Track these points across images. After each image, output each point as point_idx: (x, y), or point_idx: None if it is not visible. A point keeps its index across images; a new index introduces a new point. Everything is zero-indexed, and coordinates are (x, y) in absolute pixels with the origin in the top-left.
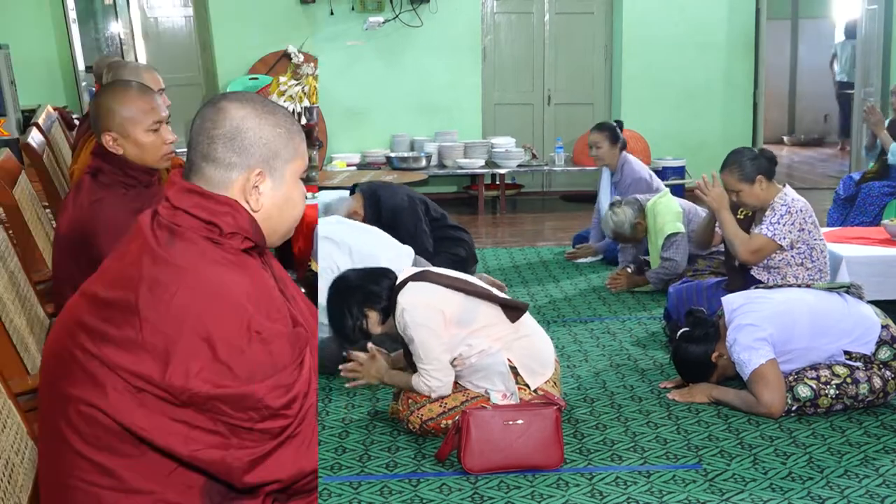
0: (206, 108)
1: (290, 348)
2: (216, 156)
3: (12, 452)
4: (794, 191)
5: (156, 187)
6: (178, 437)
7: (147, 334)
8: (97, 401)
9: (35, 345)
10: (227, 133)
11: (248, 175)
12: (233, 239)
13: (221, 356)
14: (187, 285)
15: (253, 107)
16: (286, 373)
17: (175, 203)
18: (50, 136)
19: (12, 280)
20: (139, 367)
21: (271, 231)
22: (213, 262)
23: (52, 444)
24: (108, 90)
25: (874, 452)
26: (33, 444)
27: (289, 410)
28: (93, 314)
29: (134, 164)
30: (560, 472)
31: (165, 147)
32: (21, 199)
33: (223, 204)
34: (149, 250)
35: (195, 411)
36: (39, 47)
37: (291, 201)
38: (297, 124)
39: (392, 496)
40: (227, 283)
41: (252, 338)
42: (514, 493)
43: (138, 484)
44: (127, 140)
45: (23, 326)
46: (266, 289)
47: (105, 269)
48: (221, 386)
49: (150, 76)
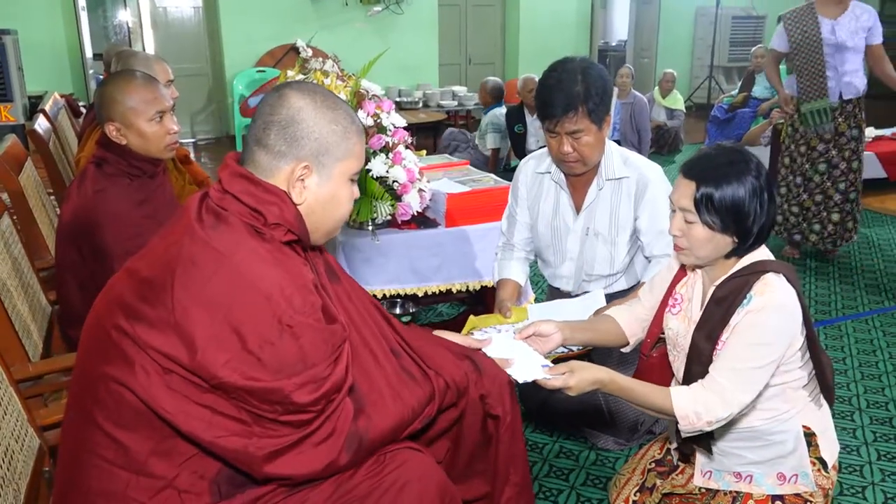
0: (272, 94)
1: (323, 344)
2: (268, 142)
3: (12, 440)
4: None
5: (160, 177)
6: (201, 422)
7: (178, 315)
8: (126, 379)
9: (37, 332)
10: (281, 121)
11: (295, 167)
12: (276, 230)
13: (251, 347)
14: (223, 272)
15: (313, 99)
16: (317, 369)
17: (226, 186)
18: (56, 123)
19: (16, 267)
20: (168, 348)
21: (314, 227)
22: (252, 251)
23: (78, 418)
24: (113, 80)
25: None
26: (33, 432)
27: (315, 406)
28: (132, 291)
29: (138, 154)
30: None
31: (169, 137)
32: (26, 185)
33: (271, 193)
34: (191, 231)
35: (220, 397)
36: (48, 34)
37: (337, 200)
38: (358, 124)
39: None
40: (263, 274)
41: (283, 331)
42: None
43: (153, 467)
44: (130, 130)
45: (26, 313)
46: (302, 284)
47: (149, 247)
48: (251, 378)
49: (159, 67)
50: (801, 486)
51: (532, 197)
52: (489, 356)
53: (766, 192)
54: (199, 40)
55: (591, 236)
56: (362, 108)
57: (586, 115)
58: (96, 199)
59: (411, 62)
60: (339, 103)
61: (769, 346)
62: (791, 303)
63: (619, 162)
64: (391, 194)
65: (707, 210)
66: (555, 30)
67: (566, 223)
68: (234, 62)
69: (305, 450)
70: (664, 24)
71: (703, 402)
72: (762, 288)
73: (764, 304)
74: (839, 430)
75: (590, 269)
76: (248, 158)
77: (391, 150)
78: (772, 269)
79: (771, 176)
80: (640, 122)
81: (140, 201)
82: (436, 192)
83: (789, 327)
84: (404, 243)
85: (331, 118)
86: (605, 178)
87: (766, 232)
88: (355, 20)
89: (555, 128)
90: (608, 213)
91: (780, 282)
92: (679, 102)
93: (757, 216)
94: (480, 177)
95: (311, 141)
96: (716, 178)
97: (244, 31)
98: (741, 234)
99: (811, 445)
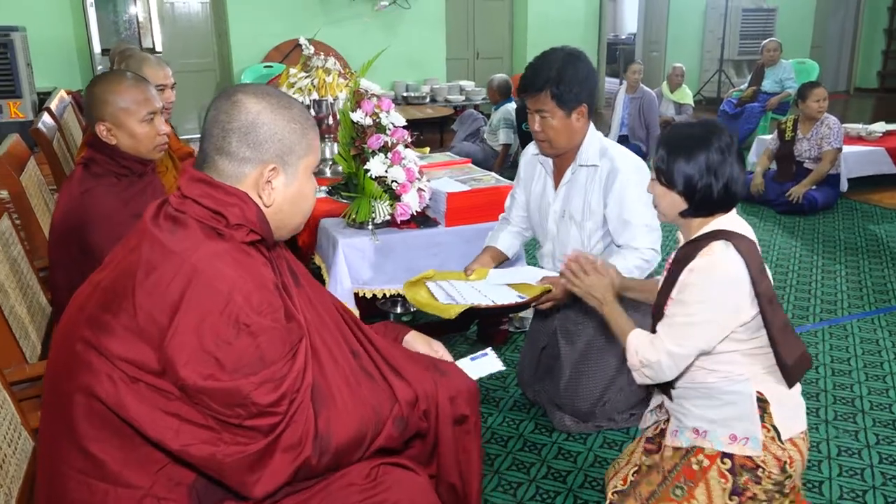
0: (221, 100)
1: (281, 343)
2: (230, 149)
3: (5, 443)
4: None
5: (149, 177)
6: (169, 430)
7: (141, 320)
8: (94, 389)
9: (35, 333)
10: (241, 127)
11: (262, 170)
12: (238, 231)
13: (208, 347)
14: (182, 274)
15: (269, 101)
16: (275, 367)
17: (184, 191)
18: (62, 120)
19: (14, 268)
20: (134, 355)
21: (281, 225)
22: (211, 252)
23: (51, 433)
24: (103, 80)
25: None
26: (27, 435)
27: (278, 408)
28: (94, 302)
29: (126, 154)
30: None
31: (159, 138)
32: (28, 185)
33: (231, 195)
34: (149, 236)
35: (187, 405)
36: (56, 30)
37: (303, 195)
38: (311, 119)
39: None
40: (221, 274)
41: (241, 330)
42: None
43: (128, 477)
44: (121, 130)
45: (24, 314)
46: (261, 281)
47: (110, 258)
48: (208, 377)
49: (158, 70)
50: (749, 448)
51: (527, 177)
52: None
53: (724, 165)
54: (206, 36)
55: (567, 219)
56: (361, 108)
57: (550, 97)
58: (84, 199)
59: (418, 57)
60: (292, 101)
61: (700, 304)
62: (731, 270)
63: (595, 152)
64: (390, 194)
65: (662, 172)
66: (563, 23)
67: (548, 203)
68: (241, 57)
69: (275, 456)
70: (674, 16)
71: (642, 343)
72: (706, 251)
73: (701, 266)
74: (840, 432)
75: (563, 249)
76: (207, 166)
77: (390, 150)
78: (725, 238)
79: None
80: (648, 117)
81: (127, 200)
82: (436, 192)
83: (726, 293)
84: (404, 243)
85: (288, 117)
86: (578, 163)
87: (719, 201)
88: (362, 15)
89: (527, 104)
90: (582, 198)
91: (726, 250)
92: (688, 97)
93: (707, 186)
94: (482, 175)
95: (275, 143)
96: (676, 147)
97: (251, 26)
98: (689, 199)
99: (766, 413)
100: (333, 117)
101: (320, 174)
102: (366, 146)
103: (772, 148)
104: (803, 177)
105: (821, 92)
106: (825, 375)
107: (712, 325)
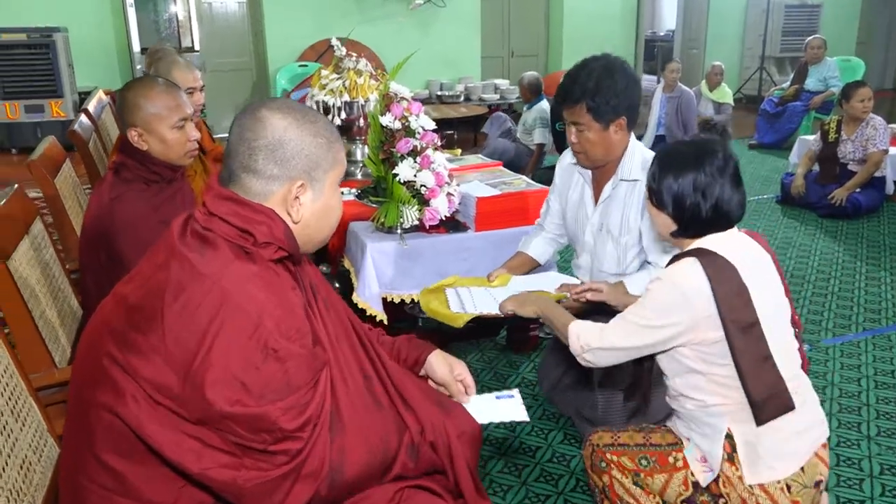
0: (245, 117)
1: (307, 369)
2: (257, 167)
3: (30, 451)
4: None
5: (178, 183)
6: (190, 453)
7: (169, 343)
8: (117, 408)
9: (65, 337)
10: (268, 144)
11: (290, 186)
12: (266, 249)
13: (236, 371)
14: (212, 297)
15: (294, 116)
16: (300, 394)
17: (211, 209)
18: (100, 121)
19: (45, 272)
20: (159, 377)
21: (308, 239)
22: (240, 274)
23: (73, 445)
24: (135, 85)
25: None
26: (53, 442)
27: (302, 433)
28: (121, 318)
29: (157, 160)
30: None
31: (189, 144)
32: (62, 187)
33: (259, 212)
34: (178, 255)
35: (209, 430)
36: (97, 30)
37: (330, 209)
38: (335, 132)
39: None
40: (251, 297)
41: (268, 355)
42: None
43: (150, 495)
44: (152, 136)
45: (54, 318)
46: (290, 306)
47: (137, 271)
48: (235, 403)
49: (187, 74)
50: (709, 478)
51: (563, 186)
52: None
53: (713, 186)
54: (243, 35)
55: (604, 233)
56: (390, 111)
57: (587, 110)
58: (113, 205)
59: (453, 55)
60: (316, 115)
61: (649, 309)
62: (687, 285)
63: (637, 165)
64: (418, 199)
65: (653, 192)
66: (600, 20)
67: (586, 215)
68: (276, 56)
69: (297, 483)
70: (714, 12)
71: (584, 330)
72: (672, 265)
73: (660, 275)
74: (884, 449)
75: (600, 264)
76: (234, 183)
77: (419, 154)
78: (697, 256)
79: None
80: (686, 117)
81: (157, 206)
82: (465, 195)
83: (676, 305)
84: (433, 248)
85: (314, 132)
86: (619, 177)
87: (709, 221)
88: (397, 13)
89: (563, 114)
90: (620, 212)
91: (691, 267)
92: (727, 96)
93: (695, 206)
94: (512, 179)
95: (302, 158)
96: (665, 166)
97: (287, 25)
98: (678, 219)
99: (734, 452)
100: (364, 119)
101: (350, 176)
102: (394, 150)
103: (814, 149)
104: (847, 179)
105: (865, 92)
106: (867, 389)
107: (657, 332)
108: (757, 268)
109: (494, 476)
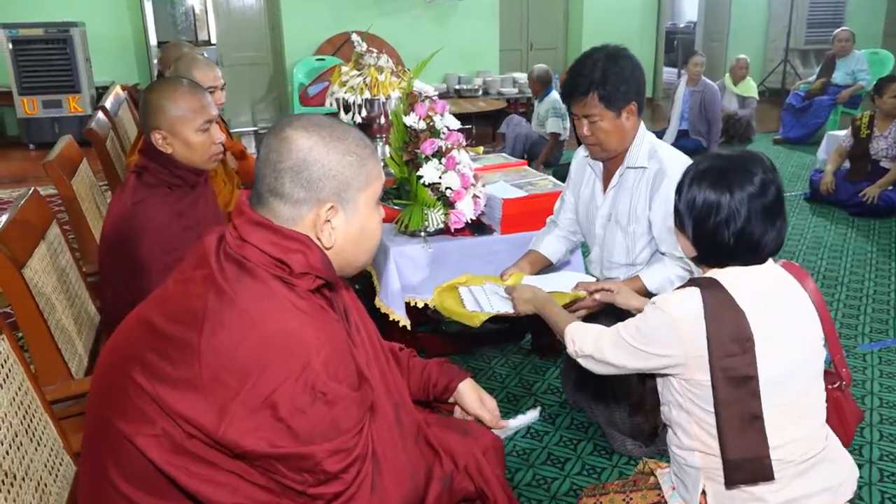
0: (271, 137)
1: (356, 411)
2: (283, 191)
3: (45, 471)
4: None
5: (201, 188)
6: (225, 488)
7: (207, 379)
8: (142, 439)
9: (82, 346)
10: (293, 167)
11: (319, 210)
12: (303, 279)
13: (283, 415)
14: (254, 335)
15: (320, 135)
16: (348, 437)
17: (244, 235)
18: (116, 118)
19: (62, 278)
20: (194, 415)
21: (345, 265)
22: (284, 310)
23: (91, 471)
24: (158, 87)
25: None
26: (69, 460)
27: (346, 475)
28: (149, 346)
29: (181, 164)
30: None
31: (214, 147)
32: (79, 188)
33: (293, 240)
34: (215, 285)
35: (247, 465)
36: (114, 25)
37: (367, 232)
38: (368, 147)
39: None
40: (297, 336)
41: (316, 398)
42: None
43: None
44: (176, 139)
45: (70, 327)
46: (336, 343)
47: (166, 295)
48: (278, 446)
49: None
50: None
51: (577, 179)
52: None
53: (741, 214)
54: (260, 28)
55: (613, 223)
56: (414, 111)
57: (598, 100)
58: (135, 210)
59: (471, 49)
60: (346, 130)
61: (642, 334)
62: (676, 314)
63: (644, 152)
64: (443, 201)
65: (675, 207)
66: (620, 12)
67: (596, 206)
68: (293, 50)
69: None
70: (736, 3)
71: (578, 334)
72: (676, 290)
73: (655, 301)
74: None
75: (609, 255)
76: (263, 207)
77: (444, 155)
78: (702, 286)
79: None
80: (710, 112)
81: (180, 212)
82: (491, 197)
83: (670, 338)
84: (458, 251)
85: (343, 150)
86: (626, 165)
87: (734, 251)
88: (414, 7)
89: (572, 110)
90: (628, 201)
91: (688, 297)
92: (752, 90)
93: (715, 234)
94: (538, 179)
95: (330, 180)
96: (693, 182)
97: (304, 19)
98: (697, 244)
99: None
100: (385, 117)
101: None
102: (419, 151)
103: (845, 146)
104: (879, 176)
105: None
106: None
107: (648, 359)
108: (781, 314)
109: (522, 489)
